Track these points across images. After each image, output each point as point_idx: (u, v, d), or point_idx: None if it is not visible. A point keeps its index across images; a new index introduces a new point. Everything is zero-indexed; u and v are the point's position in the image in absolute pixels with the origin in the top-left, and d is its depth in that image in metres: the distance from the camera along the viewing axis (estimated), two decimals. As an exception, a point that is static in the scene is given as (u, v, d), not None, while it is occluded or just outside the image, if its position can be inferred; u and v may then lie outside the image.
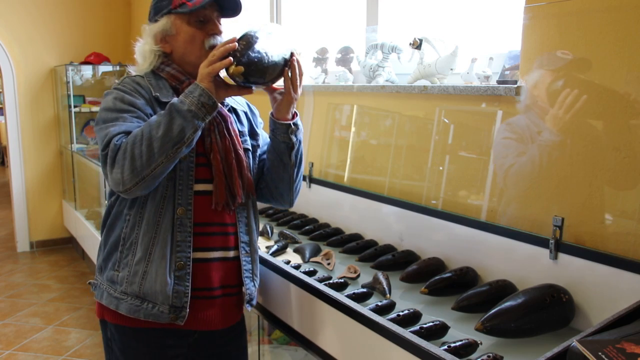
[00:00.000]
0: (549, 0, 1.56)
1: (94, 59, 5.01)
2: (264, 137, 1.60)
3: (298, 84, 1.40)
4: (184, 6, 1.38)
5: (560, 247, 1.48)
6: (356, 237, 2.15)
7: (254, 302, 1.56)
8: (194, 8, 1.37)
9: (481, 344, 1.31)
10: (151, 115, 1.36)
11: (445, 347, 1.24)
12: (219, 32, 1.42)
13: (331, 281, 1.67)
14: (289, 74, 1.38)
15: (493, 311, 1.34)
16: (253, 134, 1.57)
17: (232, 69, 1.27)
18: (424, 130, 2.05)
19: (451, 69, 1.97)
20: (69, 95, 4.85)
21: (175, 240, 1.37)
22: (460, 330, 1.41)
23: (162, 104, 1.38)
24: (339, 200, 2.32)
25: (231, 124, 1.46)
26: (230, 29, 1.48)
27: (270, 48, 1.32)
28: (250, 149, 1.53)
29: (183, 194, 1.38)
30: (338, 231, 2.25)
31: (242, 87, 1.35)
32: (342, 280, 1.69)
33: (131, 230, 1.38)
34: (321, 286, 1.49)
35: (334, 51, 2.62)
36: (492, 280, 1.57)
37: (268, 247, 2.06)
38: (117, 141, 1.27)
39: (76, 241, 4.94)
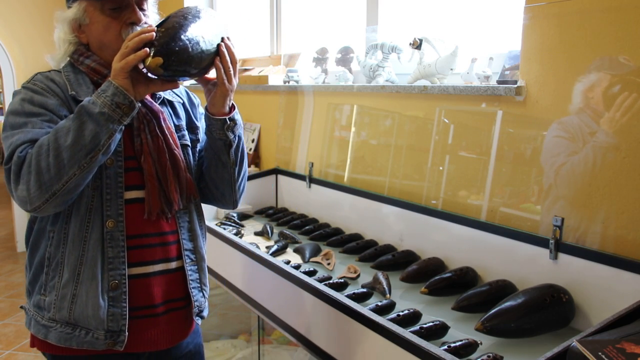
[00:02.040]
0: (549, 0, 1.56)
1: (94, 59, 5.01)
2: (205, 126, 1.38)
3: (232, 72, 1.21)
4: None
5: (560, 247, 1.48)
6: (356, 237, 2.14)
7: (205, 314, 1.40)
8: None
9: (481, 344, 1.31)
10: (66, 117, 1.16)
11: (445, 347, 1.24)
12: (138, 21, 1.23)
13: (331, 281, 1.67)
14: (219, 63, 1.19)
15: (493, 311, 1.34)
16: (192, 128, 1.40)
17: (149, 60, 1.09)
18: (424, 130, 2.05)
19: (451, 69, 1.97)
20: (69, 95, 4.85)
21: (106, 257, 1.21)
22: (460, 330, 1.41)
23: (79, 104, 1.18)
24: (339, 200, 2.32)
25: (164, 120, 1.29)
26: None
27: (197, 34, 1.14)
28: (190, 144, 1.37)
29: (112, 204, 1.21)
30: (338, 231, 2.25)
31: (166, 80, 1.17)
32: (342, 280, 1.69)
33: (56, 249, 1.21)
34: (321, 286, 1.49)
35: (334, 51, 2.62)
36: (492, 280, 1.57)
37: (268, 247, 2.06)
38: (20, 152, 1.10)
39: (76, 241, 4.94)
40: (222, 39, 1.21)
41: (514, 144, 1.69)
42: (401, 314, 1.41)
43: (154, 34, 1.11)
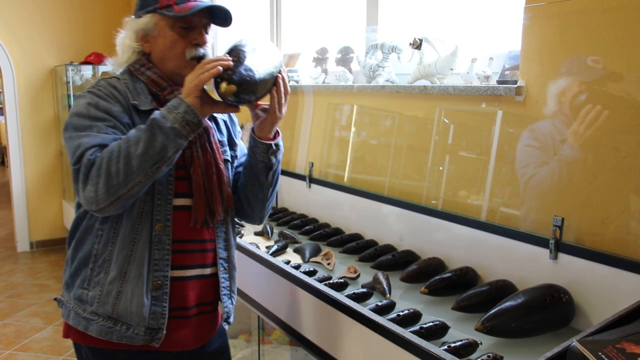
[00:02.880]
0: (549, 0, 1.56)
1: (94, 59, 5.01)
2: (241, 148, 1.52)
3: (283, 102, 1.32)
4: (170, 9, 1.27)
5: (560, 247, 1.48)
6: (356, 237, 2.15)
7: (231, 320, 1.47)
8: (180, 15, 1.26)
9: (481, 344, 1.31)
10: (128, 125, 1.26)
11: (445, 347, 1.24)
12: (202, 43, 1.31)
13: (331, 281, 1.67)
14: (275, 93, 1.30)
15: (493, 311, 1.34)
16: (231, 144, 1.48)
17: (225, 87, 1.19)
18: (424, 130, 2.05)
19: (451, 69, 1.97)
20: (69, 95, 4.85)
21: (152, 259, 1.27)
22: (460, 330, 1.41)
23: (140, 113, 1.29)
24: (339, 200, 2.32)
25: (212, 135, 1.37)
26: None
27: (259, 63, 1.24)
28: (230, 160, 1.45)
29: (162, 209, 1.28)
30: (338, 231, 2.25)
31: (230, 105, 1.26)
32: (342, 280, 1.69)
33: (104, 246, 1.27)
34: (321, 286, 1.49)
35: (334, 51, 2.62)
36: (492, 280, 1.57)
37: (268, 247, 2.06)
38: (90, 155, 1.16)
39: (76, 241, 4.94)
40: (280, 71, 1.31)
41: (514, 144, 1.69)
42: (401, 314, 1.41)
43: (230, 60, 1.20)
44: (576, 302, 1.41)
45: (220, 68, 1.18)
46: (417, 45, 2.02)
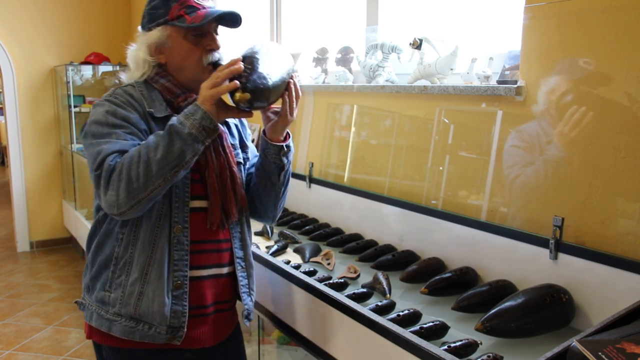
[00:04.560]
0: (549, 0, 1.56)
1: (94, 59, 5.01)
2: (252, 150, 1.56)
3: (294, 106, 1.35)
4: (182, 19, 1.30)
5: (560, 247, 1.48)
6: (356, 237, 2.15)
7: (252, 317, 1.52)
8: (193, 25, 1.29)
9: (481, 344, 1.31)
10: (145, 131, 1.31)
11: (445, 347, 1.24)
12: (217, 47, 1.35)
13: (331, 281, 1.67)
14: (287, 97, 1.33)
15: (493, 311, 1.34)
16: (243, 147, 1.52)
17: (239, 95, 1.22)
18: (424, 130, 2.05)
19: (451, 69, 1.97)
20: (69, 95, 4.85)
21: (172, 260, 1.32)
22: (460, 330, 1.41)
23: (155, 119, 1.33)
24: (339, 200, 2.32)
25: (225, 140, 1.41)
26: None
27: (272, 70, 1.26)
28: (242, 162, 1.49)
29: (179, 211, 1.33)
30: (338, 231, 2.25)
31: (243, 110, 1.29)
32: (342, 280, 1.69)
33: (125, 249, 1.31)
34: (321, 286, 1.49)
35: (334, 51, 2.62)
36: (492, 280, 1.57)
37: (268, 247, 2.06)
38: (111, 161, 1.21)
39: (76, 241, 4.94)
40: (292, 75, 1.34)
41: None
42: (401, 314, 1.41)
43: (242, 66, 1.22)
44: (576, 302, 1.41)
45: (238, 82, 1.21)
46: (417, 45, 2.02)
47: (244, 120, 1.57)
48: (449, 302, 1.53)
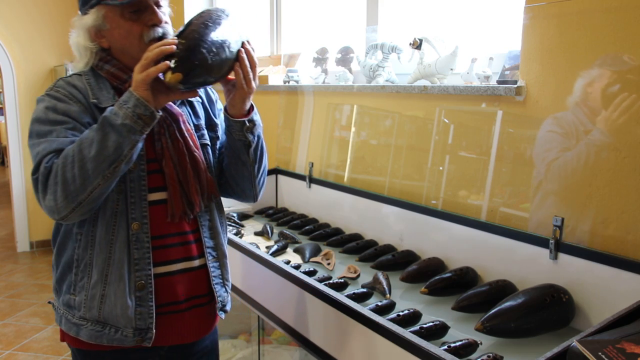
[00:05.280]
0: (549, 0, 1.56)
1: (94, 59, 5.01)
2: (223, 127, 1.42)
3: (251, 77, 1.22)
4: None
5: (560, 247, 1.48)
6: (356, 237, 2.15)
7: (228, 308, 1.44)
8: (125, 1, 1.18)
9: (481, 344, 1.31)
10: (89, 124, 1.19)
11: (445, 347, 1.24)
12: (159, 22, 1.23)
13: (331, 281, 1.67)
14: (239, 69, 1.20)
15: (493, 311, 1.34)
16: (211, 125, 1.41)
17: (169, 76, 1.10)
18: (424, 130, 2.05)
19: (451, 69, 1.97)
20: (69, 95, 4.85)
21: (132, 259, 1.24)
22: (460, 330, 1.41)
23: (102, 110, 1.20)
24: (339, 200, 2.32)
25: (184, 122, 1.30)
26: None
27: (217, 43, 1.14)
28: (209, 143, 1.38)
29: (136, 207, 1.24)
30: (338, 231, 2.25)
31: (185, 90, 1.18)
32: (342, 280, 1.69)
33: (84, 250, 1.24)
34: (321, 286, 1.49)
35: (334, 51, 2.62)
36: (492, 280, 1.57)
37: (268, 247, 2.06)
38: (47, 163, 1.12)
39: (76, 241, 4.94)
40: (243, 44, 1.21)
41: (514, 144, 1.69)
42: (401, 314, 1.41)
43: (174, 46, 1.11)
44: (576, 302, 1.41)
45: (168, 63, 1.10)
46: (417, 45, 2.02)
47: (212, 95, 1.45)
48: (449, 302, 1.53)
